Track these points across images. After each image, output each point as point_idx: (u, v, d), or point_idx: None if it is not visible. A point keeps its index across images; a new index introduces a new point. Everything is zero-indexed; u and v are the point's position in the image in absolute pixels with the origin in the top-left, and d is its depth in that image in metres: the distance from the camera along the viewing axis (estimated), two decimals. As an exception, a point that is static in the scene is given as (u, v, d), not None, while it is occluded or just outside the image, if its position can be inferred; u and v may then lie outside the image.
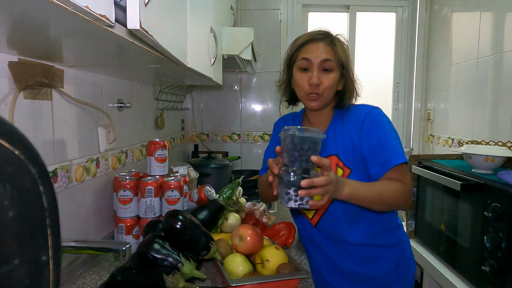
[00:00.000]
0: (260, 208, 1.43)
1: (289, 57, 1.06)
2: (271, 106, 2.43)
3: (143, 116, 1.56)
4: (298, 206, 0.80)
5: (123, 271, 0.81)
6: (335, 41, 1.00)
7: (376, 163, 0.97)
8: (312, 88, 0.98)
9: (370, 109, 1.02)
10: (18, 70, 0.79)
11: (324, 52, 0.98)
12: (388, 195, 0.92)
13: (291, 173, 0.79)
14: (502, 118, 1.61)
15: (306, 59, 0.98)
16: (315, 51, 0.98)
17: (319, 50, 0.98)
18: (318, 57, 0.97)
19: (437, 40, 2.24)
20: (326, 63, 0.97)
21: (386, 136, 0.98)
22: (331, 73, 0.98)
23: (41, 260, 0.26)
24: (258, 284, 0.87)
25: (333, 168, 1.00)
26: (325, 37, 1.00)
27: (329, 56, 0.97)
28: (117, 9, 0.54)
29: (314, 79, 0.97)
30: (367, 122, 0.99)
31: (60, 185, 0.96)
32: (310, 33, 1.03)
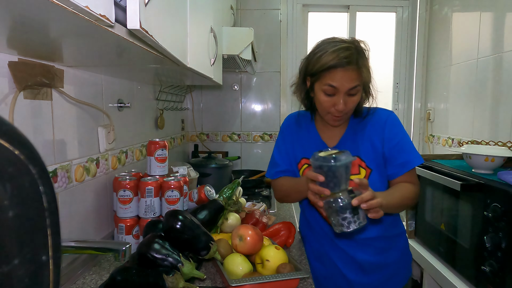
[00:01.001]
0: (260, 208, 1.43)
1: (311, 72, 1.02)
2: (271, 106, 2.43)
3: (143, 116, 1.56)
4: (359, 225, 0.83)
5: (123, 271, 0.81)
6: (360, 63, 0.97)
7: (395, 164, 1.05)
8: (337, 112, 1.00)
9: (389, 113, 1.09)
10: (18, 70, 0.79)
11: (351, 80, 0.96)
12: (407, 199, 1.01)
13: (339, 199, 0.82)
14: (502, 118, 1.61)
15: (333, 87, 0.97)
16: (341, 79, 0.96)
17: (346, 77, 0.96)
18: (345, 86, 0.97)
19: (437, 40, 2.24)
20: (352, 90, 0.98)
21: (405, 139, 1.06)
22: (356, 96, 1.00)
23: (41, 260, 0.26)
24: (258, 284, 0.87)
25: (356, 169, 1.06)
26: (351, 60, 0.95)
27: (355, 83, 0.97)
28: (117, 9, 0.54)
29: (340, 106, 0.98)
30: (388, 125, 1.06)
31: (60, 185, 0.96)
32: (336, 54, 0.96)
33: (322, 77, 0.99)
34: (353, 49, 0.97)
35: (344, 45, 0.97)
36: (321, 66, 0.97)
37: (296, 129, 1.17)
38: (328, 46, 0.99)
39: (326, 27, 2.47)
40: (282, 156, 1.18)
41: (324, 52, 0.98)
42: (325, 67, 0.96)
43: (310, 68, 1.03)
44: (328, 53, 0.97)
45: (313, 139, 1.14)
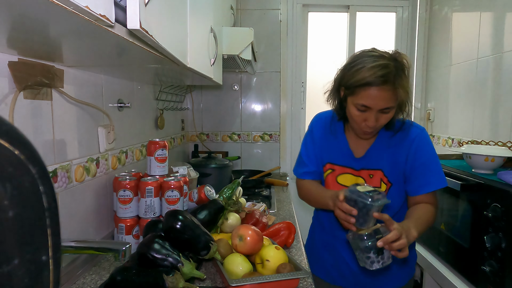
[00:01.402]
0: (260, 208, 1.43)
1: (346, 85, 1.00)
2: (271, 106, 2.43)
3: (143, 116, 1.56)
4: (382, 265, 0.85)
5: (123, 271, 0.81)
6: (397, 83, 0.93)
7: (417, 182, 1.04)
8: (368, 127, 0.99)
9: (419, 132, 1.06)
10: (18, 70, 0.79)
11: (385, 100, 0.94)
12: (430, 222, 1.01)
13: (365, 237, 0.84)
14: (502, 118, 1.61)
15: (365, 106, 0.95)
16: (376, 98, 0.93)
17: (380, 97, 0.93)
18: (379, 105, 0.95)
19: (437, 40, 2.24)
20: (386, 109, 0.96)
21: (431, 159, 1.05)
22: (389, 113, 0.98)
23: (41, 260, 0.26)
24: (258, 284, 0.87)
25: (377, 182, 1.07)
26: (388, 79, 0.92)
27: (390, 104, 0.95)
28: (117, 9, 0.54)
29: (371, 123, 0.97)
30: (416, 143, 1.04)
31: (60, 185, 0.96)
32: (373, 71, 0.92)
33: (356, 93, 0.96)
34: (391, 67, 0.93)
35: (383, 62, 0.93)
36: (356, 81, 0.94)
37: (326, 133, 1.16)
38: (366, 61, 0.95)
39: (326, 27, 2.47)
40: (310, 157, 1.18)
41: (361, 67, 0.95)
42: (360, 84, 0.94)
43: (345, 80, 1.00)
44: (365, 69, 0.93)
45: (341, 146, 1.13)
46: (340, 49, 2.47)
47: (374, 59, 0.94)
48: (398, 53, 0.98)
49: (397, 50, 0.99)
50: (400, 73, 0.94)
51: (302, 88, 2.45)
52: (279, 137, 2.44)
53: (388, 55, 0.96)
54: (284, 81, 2.40)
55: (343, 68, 1.04)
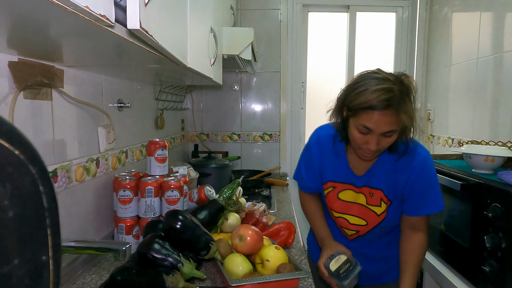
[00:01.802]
0: (260, 208, 1.43)
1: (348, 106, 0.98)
2: (271, 106, 2.43)
3: (143, 116, 1.56)
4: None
5: (123, 271, 0.81)
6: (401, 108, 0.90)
7: (413, 205, 1.06)
8: (369, 151, 0.98)
9: (423, 158, 1.04)
10: (18, 70, 0.79)
11: (387, 124, 0.92)
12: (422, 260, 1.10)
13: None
14: (502, 118, 1.61)
15: (367, 128, 0.94)
16: (378, 121, 0.91)
17: (382, 121, 0.91)
18: (381, 129, 0.93)
19: (437, 40, 2.24)
20: (388, 133, 0.94)
21: (431, 186, 1.05)
22: (391, 137, 0.96)
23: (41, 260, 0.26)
24: (258, 284, 0.87)
25: (377, 200, 1.09)
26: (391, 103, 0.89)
27: (392, 128, 0.93)
28: (117, 9, 0.54)
29: (372, 146, 0.95)
30: (418, 169, 1.03)
31: (60, 185, 0.96)
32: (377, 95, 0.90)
33: (358, 115, 0.94)
34: (396, 91, 0.90)
35: (387, 86, 0.90)
36: (359, 104, 0.92)
37: (327, 152, 1.14)
38: (370, 83, 0.93)
39: (326, 27, 2.47)
40: (309, 174, 1.18)
41: (365, 89, 0.92)
42: (363, 107, 0.92)
43: (347, 101, 0.98)
44: (368, 92, 0.91)
45: (341, 165, 1.12)
46: (340, 49, 2.47)
47: (378, 82, 0.92)
48: (404, 75, 0.96)
49: (403, 73, 0.97)
50: (405, 97, 0.92)
51: (302, 88, 2.45)
52: (279, 137, 2.44)
53: (393, 78, 0.94)
54: (284, 81, 2.40)
55: (346, 89, 1.01)
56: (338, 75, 2.47)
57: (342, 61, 2.47)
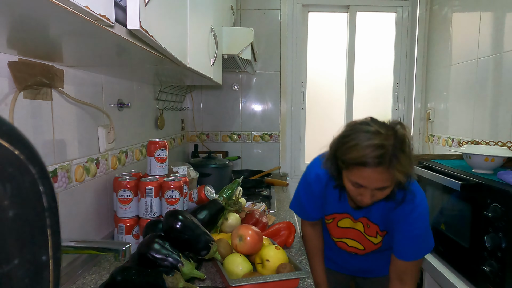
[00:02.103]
0: (260, 208, 1.43)
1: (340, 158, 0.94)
2: (271, 106, 2.43)
3: (143, 116, 1.56)
4: None
5: (123, 271, 0.81)
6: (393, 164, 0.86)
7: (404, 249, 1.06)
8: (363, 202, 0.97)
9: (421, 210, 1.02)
10: (18, 70, 0.79)
11: (379, 181, 0.89)
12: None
13: None
14: (502, 118, 1.61)
15: (359, 184, 0.92)
16: (369, 178, 0.89)
17: (374, 178, 0.89)
18: (373, 185, 0.91)
19: (437, 40, 2.24)
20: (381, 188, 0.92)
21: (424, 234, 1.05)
22: (385, 190, 0.93)
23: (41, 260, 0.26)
24: (258, 284, 0.87)
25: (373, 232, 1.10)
26: (383, 160, 0.86)
27: (385, 184, 0.90)
28: (117, 9, 0.54)
29: (366, 199, 0.94)
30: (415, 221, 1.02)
31: (60, 185, 0.96)
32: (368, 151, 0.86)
33: (350, 169, 0.91)
34: (388, 146, 0.86)
35: (378, 141, 0.86)
36: (350, 159, 0.90)
37: (327, 188, 1.12)
38: (361, 137, 0.89)
39: (326, 27, 2.47)
40: (311, 206, 1.17)
41: (355, 144, 0.89)
42: (354, 162, 0.89)
43: (339, 153, 0.95)
44: (359, 147, 0.88)
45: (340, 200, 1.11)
46: (340, 49, 2.47)
47: (369, 136, 0.88)
48: (399, 124, 0.92)
49: (398, 121, 0.93)
50: (398, 153, 0.86)
51: (302, 88, 2.45)
52: (279, 137, 2.44)
53: (385, 131, 0.89)
54: (284, 81, 2.40)
55: (337, 139, 0.97)
56: (338, 75, 2.47)
57: (342, 61, 2.47)
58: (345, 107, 2.45)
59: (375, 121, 0.93)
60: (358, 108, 2.46)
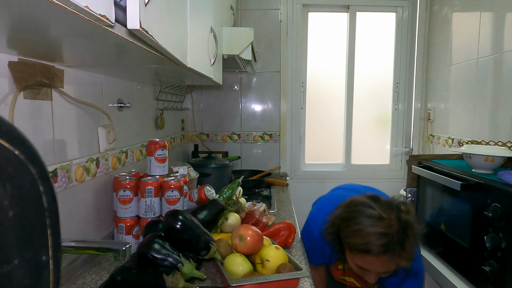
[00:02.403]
0: (260, 208, 1.43)
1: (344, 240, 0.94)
2: (271, 106, 2.43)
3: (143, 116, 1.56)
4: None
5: (123, 271, 0.81)
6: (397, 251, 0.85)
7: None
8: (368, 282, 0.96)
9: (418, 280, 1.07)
10: (18, 70, 0.79)
11: (384, 267, 0.89)
12: None
13: None
14: (502, 118, 1.61)
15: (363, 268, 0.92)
16: (374, 264, 0.89)
17: (378, 265, 0.89)
18: (378, 270, 0.91)
19: (437, 40, 2.24)
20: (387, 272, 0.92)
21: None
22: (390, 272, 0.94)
23: (41, 260, 0.26)
24: (258, 284, 0.87)
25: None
26: (388, 249, 0.85)
27: (390, 269, 0.90)
28: (117, 9, 0.54)
29: (371, 280, 0.94)
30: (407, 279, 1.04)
31: (60, 185, 0.96)
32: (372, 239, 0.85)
33: (355, 253, 0.91)
34: (392, 234, 0.85)
35: (382, 230, 0.85)
36: (354, 244, 0.89)
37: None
38: (364, 222, 0.88)
39: (326, 27, 2.47)
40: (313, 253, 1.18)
41: (359, 229, 0.88)
42: (358, 248, 0.88)
43: (342, 234, 0.94)
44: (363, 234, 0.86)
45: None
46: (340, 49, 2.47)
47: (373, 222, 0.86)
48: (403, 204, 0.90)
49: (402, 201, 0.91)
50: (403, 239, 0.85)
51: (302, 88, 2.45)
52: (279, 137, 2.44)
53: (387, 215, 0.87)
54: (284, 81, 2.40)
55: (340, 219, 0.96)
56: (338, 75, 2.47)
57: (342, 61, 2.47)
58: (345, 107, 2.45)
59: (377, 202, 0.91)
60: (358, 108, 2.46)
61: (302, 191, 2.43)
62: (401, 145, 2.51)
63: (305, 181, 2.46)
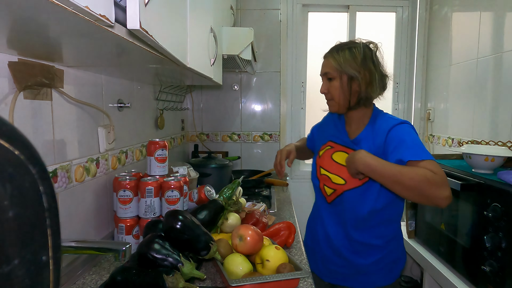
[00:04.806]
0: (260, 208, 1.43)
1: None
2: (271, 106, 2.43)
3: (143, 116, 1.56)
4: None
5: (123, 271, 0.81)
6: (333, 54, 1.14)
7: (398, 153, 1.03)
8: (324, 95, 1.19)
9: (393, 125, 1.09)
10: (18, 70, 0.79)
11: (324, 66, 1.17)
12: (408, 176, 0.95)
13: None
14: (502, 118, 1.61)
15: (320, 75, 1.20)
16: (321, 66, 1.19)
17: (322, 65, 1.18)
18: (322, 71, 1.18)
19: (437, 40, 2.24)
20: (326, 74, 1.16)
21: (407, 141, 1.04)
22: (333, 81, 1.15)
23: (41, 260, 0.26)
24: (258, 284, 0.87)
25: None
26: (328, 51, 1.17)
27: (327, 70, 1.15)
28: (117, 9, 0.54)
29: (320, 88, 1.19)
30: (389, 136, 1.08)
31: (60, 185, 0.96)
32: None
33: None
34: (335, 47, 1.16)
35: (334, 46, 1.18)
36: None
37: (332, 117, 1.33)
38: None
39: (326, 27, 2.47)
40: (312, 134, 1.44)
41: None
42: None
43: None
44: None
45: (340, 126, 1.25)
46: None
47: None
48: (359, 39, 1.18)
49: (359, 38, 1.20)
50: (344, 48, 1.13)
51: (302, 88, 2.45)
52: (279, 137, 2.44)
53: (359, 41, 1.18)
54: (284, 81, 2.40)
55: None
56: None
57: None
58: (345, 107, 2.45)
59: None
60: (358, 108, 2.46)
61: (302, 191, 2.42)
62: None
63: (305, 181, 2.46)
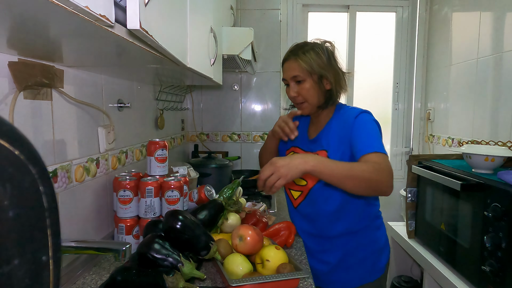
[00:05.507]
0: (260, 208, 1.43)
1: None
2: (271, 106, 2.43)
3: (143, 116, 1.56)
4: None
5: (123, 271, 0.81)
6: (299, 55, 1.11)
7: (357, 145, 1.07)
8: (294, 99, 1.16)
9: (358, 113, 1.12)
10: (18, 70, 0.79)
11: (291, 70, 1.13)
12: (359, 169, 0.95)
13: None
14: (502, 118, 1.61)
15: (284, 79, 1.17)
16: (286, 70, 1.15)
17: (288, 68, 1.14)
18: (288, 75, 1.14)
19: (437, 40, 2.24)
20: (295, 78, 1.13)
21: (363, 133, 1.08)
22: (303, 83, 1.13)
23: (41, 260, 0.26)
24: (258, 284, 0.87)
25: None
26: (291, 54, 1.14)
27: (295, 73, 1.12)
28: (117, 9, 0.54)
29: (290, 92, 1.16)
30: (355, 124, 1.10)
31: (60, 185, 0.96)
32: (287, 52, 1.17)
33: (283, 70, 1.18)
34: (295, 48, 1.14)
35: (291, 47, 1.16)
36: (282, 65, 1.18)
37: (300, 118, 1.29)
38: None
39: (326, 27, 2.47)
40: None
41: None
42: (282, 65, 1.18)
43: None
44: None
45: (303, 129, 1.27)
46: (340, 49, 2.46)
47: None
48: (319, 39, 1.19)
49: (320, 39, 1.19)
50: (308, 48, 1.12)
51: (302, 88, 2.45)
52: (279, 137, 2.44)
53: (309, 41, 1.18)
54: (284, 81, 2.40)
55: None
56: (338, 75, 2.47)
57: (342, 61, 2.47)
58: (345, 107, 2.45)
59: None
60: (358, 108, 2.46)
61: (302, 191, 2.42)
62: (401, 145, 2.51)
63: (305, 181, 2.46)
